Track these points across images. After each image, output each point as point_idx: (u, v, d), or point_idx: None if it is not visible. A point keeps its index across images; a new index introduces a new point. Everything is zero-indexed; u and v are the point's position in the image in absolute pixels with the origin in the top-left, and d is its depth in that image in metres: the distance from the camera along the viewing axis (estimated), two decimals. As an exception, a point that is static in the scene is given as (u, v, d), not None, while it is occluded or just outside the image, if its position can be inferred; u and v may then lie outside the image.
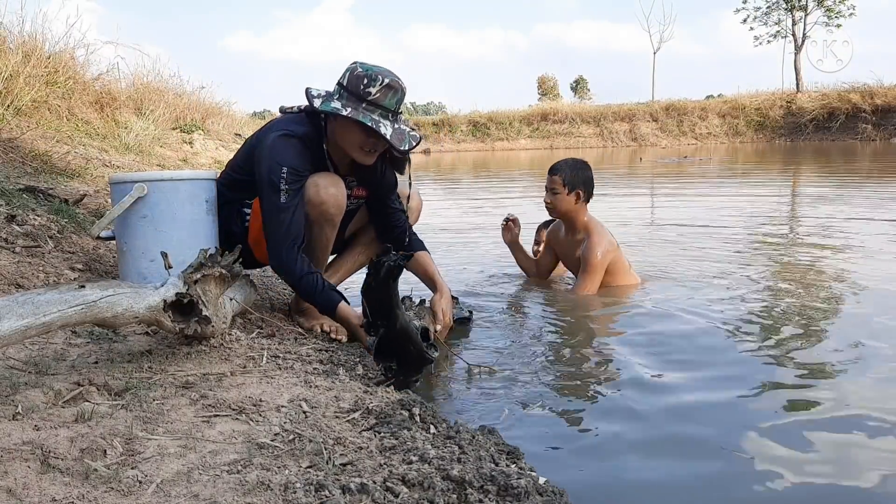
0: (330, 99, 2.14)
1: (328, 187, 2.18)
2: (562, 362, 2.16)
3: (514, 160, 18.22)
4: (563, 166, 3.02)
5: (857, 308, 2.72)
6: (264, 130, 2.26)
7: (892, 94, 23.40)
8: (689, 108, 27.79)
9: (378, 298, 1.81)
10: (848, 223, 4.95)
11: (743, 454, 1.52)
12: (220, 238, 2.31)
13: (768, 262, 3.72)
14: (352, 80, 2.13)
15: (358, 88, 2.11)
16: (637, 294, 3.01)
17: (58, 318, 1.39)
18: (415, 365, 1.95)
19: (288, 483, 1.12)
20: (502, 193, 8.88)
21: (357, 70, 2.14)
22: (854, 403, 1.77)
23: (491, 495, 1.16)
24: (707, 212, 6.02)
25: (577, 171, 3.00)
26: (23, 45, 5.12)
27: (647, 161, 16.01)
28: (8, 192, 2.72)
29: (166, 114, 7.65)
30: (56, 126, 4.70)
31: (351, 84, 2.12)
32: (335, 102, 2.12)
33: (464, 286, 3.20)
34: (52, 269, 2.21)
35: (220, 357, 1.76)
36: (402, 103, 2.19)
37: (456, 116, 29.27)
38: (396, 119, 2.17)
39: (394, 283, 1.78)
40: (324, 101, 2.14)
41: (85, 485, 1.08)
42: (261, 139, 2.22)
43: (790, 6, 29.42)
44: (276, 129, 2.19)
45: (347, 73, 2.15)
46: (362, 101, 2.11)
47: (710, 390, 1.91)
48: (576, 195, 2.99)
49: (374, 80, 2.11)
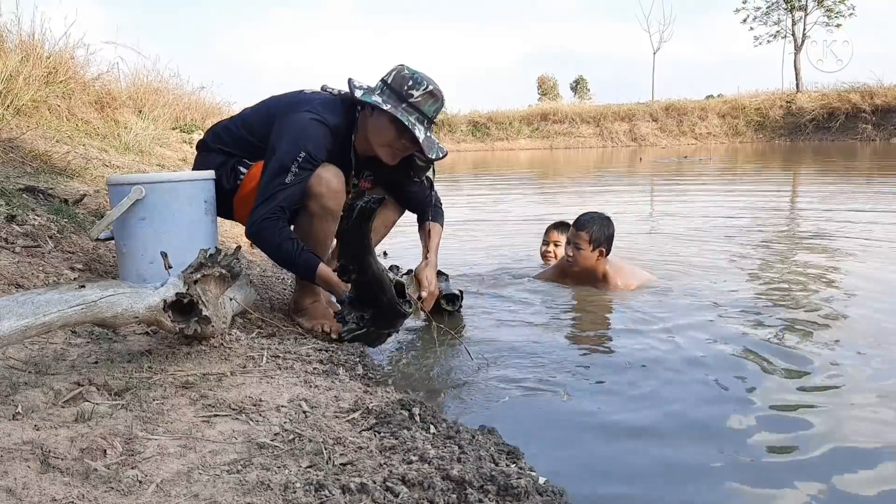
0: (371, 93, 2.17)
1: (331, 180, 2.17)
2: (562, 361, 2.16)
3: (515, 160, 18.21)
4: (589, 223, 3.02)
5: (857, 306, 2.72)
6: (295, 103, 2.22)
7: (891, 94, 23.40)
8: (688, 108, 27.78)
9: (350, 241, 1.85)
10: (848, 222, 4.95)
11: (745, 456, 1.52)
12: None
13: (768, 262, 3.72)
14: (396, 80, 2.16)
15: (401, 88, 2.15)
16: (638, 293, 3.01)
17: (58, 318, 1.39)
18: (387, 317, 1.98)
19: (288, 483, 1.12)
20: (503, 192, 8.88)
21: (403, 71, 2.18)
22: (853, 397, 1.78)
23: (491, 495, 1.16)
24: (707, 211, 6.02)
25: (603, 230, 3.02)
26: (22, 45, 5.12)
27: (647, 161, 16.00)
28: (8, 192, 2.72)
29: (166, 114, 7.66)
30: (56, 126, 4.70)
31: (395, 83, 2.16)
32: (376, 96, 2.15)
33: (462, 286, 3.20)
34: (52, 269, 2.21)
35: (220, 357, 1.76)
36: (439, 113, 2.22)
37: (456, 116, 29.24)
38: (430, 128, 2.20)
39: (365, 224, 1.81)
40: (365, 93, 2.17)
41: (85, 484, 1.08)
42: (288, 113, 2.18)
43: (790, 6, 29.40)
44: (308, 110, 2.16)
45: (394, 72, 2.18)
46: (403, 102, 2.14)
47: (714, 391, 1.91)
48: (599, 252, 3.02)
49: (418, 83, 2.15)
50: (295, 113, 2.16)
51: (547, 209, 6.54)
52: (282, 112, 2.21)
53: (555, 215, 4.33)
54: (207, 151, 2.37)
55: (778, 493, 1.37)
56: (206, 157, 2.37)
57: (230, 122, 2.39)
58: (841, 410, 1.74)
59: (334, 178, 2.17)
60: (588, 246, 3.00)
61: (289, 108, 2.21)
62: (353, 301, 2.02)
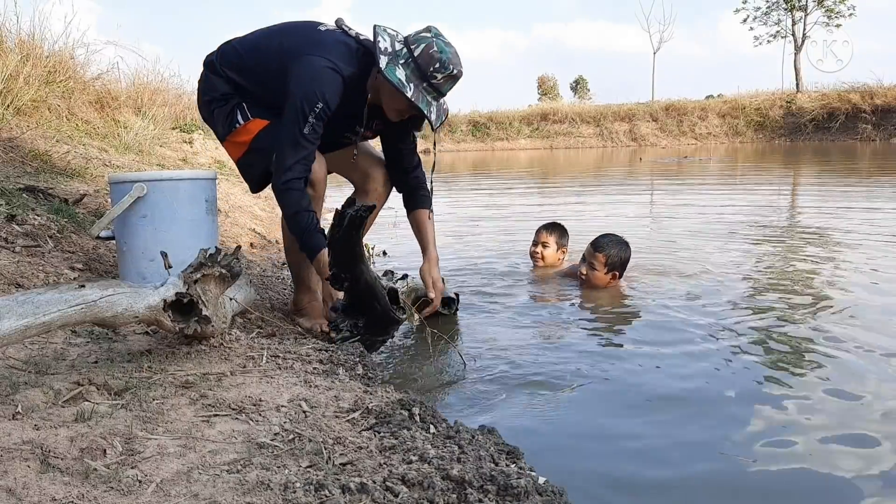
0: (395, 62, 2.11)
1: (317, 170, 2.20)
2: (561, 361, 2.16)
3: (515, 160, 18.21)
4: (608, 246, 3.02)
5: (857, 304, 2.72)
6: (310, 44, 2.17)
7: (891, 95, 23.38)
8: (688, 108, 27.76)
9: (341, 250, 1.84)
10: (848, 222, 4.95)
11: (745, 455, 1.52)
12: None
13: (767, 260, 3.72)
14: (424, 58, 2.11)
15: (427, 69, 2.11)
16: (638, 293, 3.01)
17: (58, 317, 1.39)
18: (381, 324, 1.98)
19: (288, 483, 1.12)
20: (503, 191, 8.88)
21: (433, 49, 2.11)
22: (852, 393, 1.78)
23: (491, 495, 1.15)
24: (707, 211, 6.02)
25: (620, 254, 3.02)
26: (21, 45, 5.11)
27: (647, 161, 16.00)
28: (8, 192, 2.72)
29: (166, 113, 7.65)
30: (56, 126, 4.70)
31: (422, 60, 2.11)
32: (400, 71, 2.10)
33: (460, 284, 3.20)
34: (52, 268, 2.21)
35: (220, 357, 1.76)
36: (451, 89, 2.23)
37: (456, 116, 29.22)
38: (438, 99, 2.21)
39: (356, 233, 1.81)
40: (389, 61, 2.11)
41: (85, 484, 1.08)
42: (304, 54, 2.13)
43: (790, 6, 29.39)
44: (323, 56, 2.12)
45: (423, 44, 2.12)
46: (424, 80, 2.12)
47: (713, 389, 1.91)
48: (612, 275, 3.03)
49: (445, 67, 2.12)
50: (309, 58, 2.12)
51: (546, 209, 6.54)
52: (295, 52, 2.16)
53: (554, 215, 4.33)
54: (215, 74, 2.32)
55: (778, 494, 1.37)
56: (213, 80, 2.33)
57: (240, 43, 2.32)
58: (851, 412, 1.74)
59: (317, 161, 2.20)
60: (603, 268, 3.01)
61: (304, 47, 2.16)
62: (347, 308, 2.02)
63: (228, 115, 2.29)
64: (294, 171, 2.12)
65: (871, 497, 1.35)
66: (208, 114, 2.36)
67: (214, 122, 2.35)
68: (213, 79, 2.32)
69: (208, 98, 2.34)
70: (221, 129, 2.33)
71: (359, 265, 1.89)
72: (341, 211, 1.77)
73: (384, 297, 1.99)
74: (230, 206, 4.62)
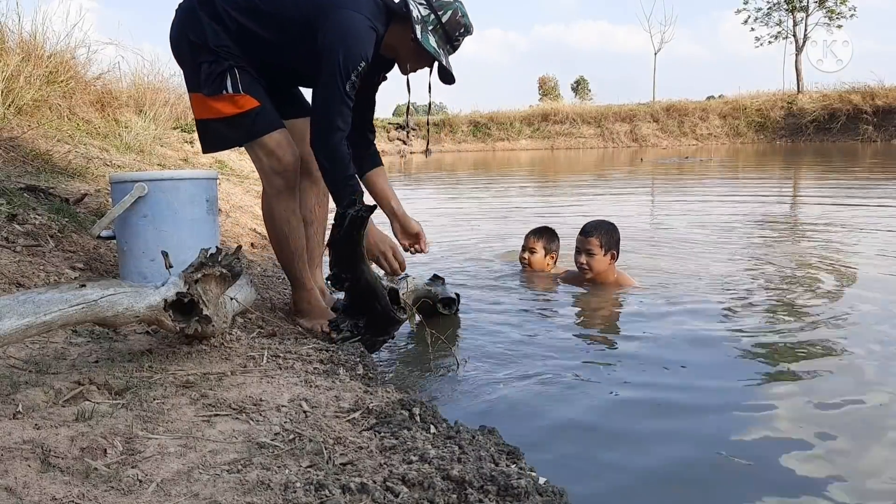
0: (426, 29, 2.17)
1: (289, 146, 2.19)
2: (561, 361, 2.16)
3: (515, 160, 18.21)
4: (597, 229, 3.07)
5: (857, 303, 2.72)
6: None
7: (892, 95, 23.34)
8: (689, 109, 27.73)
9: (342, 250, 1.86)
10: (848, 220, 4.94)
11: (744, 456, 1.52)
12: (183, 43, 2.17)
13: (767, 260, 3.72)
14: (451, 24, 2.20)
15: (453, 34, 2.21)
16: (637, 293, 3.01)
17: (58, 317, 1.39)
18: (381, 324, 1.99)
19: (288, 482, 1.12)
20: (503, 191, 8.88)
21: (458, 15, 2.21)
22: (852, 393, 1.78)
23: (491, 495, 1.15)
24: (707, 211, 6.01)
25: (611, 234, 3.06)
26: (23, 45, 5.11)
27: (648, 162, 16.00)
28: (9, 192, 2.72)
29: (167, 113, 7.65)
30: (57, 125, 4.69)
31: (450, 27, 2.20)
32: (432, 39, 2.17)
33: (461, 284, 3.20)
34: (53, 268, 2.21)
35: (221, 356, 1.76)
36: None
37: (457, 117, 29.18)
38: None
39: (357, 233, 1.82)
40: (423, 29, 2.16)
41: (85, 484, 1.08)
42: (339, 9, 2.06)
43: (791, 7, 29.37)
44: (361, 13, 2.08)
45: (449, 11, 2.19)
46: (449, 44, 2.22)
47: (712, 390, 1.91)
48: (611, 256, 3.05)
49: (467, 31, 2.23)
50: (348, 10, 2.07)
51: (546, 209, 6.53)
52: (327, 2, 2.09)
53: (554, 216, 4.33)
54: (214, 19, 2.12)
55: (779, 494, 1.37)
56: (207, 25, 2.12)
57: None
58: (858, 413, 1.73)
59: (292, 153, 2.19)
60: (600, 251, 3.03)
61: (334, 2, 2.09)
62: (347, 309, 2.03)
63: (218, 76, 2.13)
64: (343, 130, 2.08)
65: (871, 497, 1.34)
66: (190, 59, 2.17)
67: (197, 72, 2.16)
68: (209, 24, 2.11)
69: (196, 42, 2.13)
70: (206, 89, 2.15)
71: (360, 265, 1.89)
72: (342, 211, 1.77)
73: (385, 298, 2.00)
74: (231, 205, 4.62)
